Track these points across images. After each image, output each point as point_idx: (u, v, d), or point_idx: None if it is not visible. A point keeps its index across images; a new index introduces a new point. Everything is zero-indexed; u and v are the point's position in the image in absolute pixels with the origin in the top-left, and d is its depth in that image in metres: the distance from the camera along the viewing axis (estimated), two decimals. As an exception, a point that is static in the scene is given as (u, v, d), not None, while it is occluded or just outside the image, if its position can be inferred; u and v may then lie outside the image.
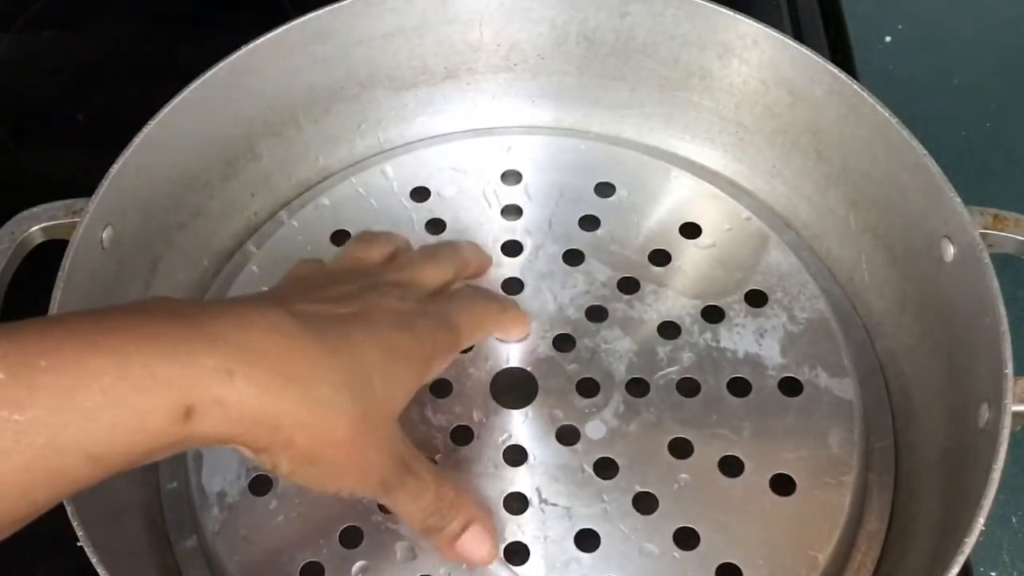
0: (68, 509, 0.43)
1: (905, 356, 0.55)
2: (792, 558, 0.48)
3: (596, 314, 0.56)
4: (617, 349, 0.54)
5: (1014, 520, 0.56)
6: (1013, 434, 0.44)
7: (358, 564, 0.48)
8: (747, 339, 0.54)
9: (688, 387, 0.53)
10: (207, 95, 0.56)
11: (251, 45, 0.57)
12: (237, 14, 0.76)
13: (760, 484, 0.50)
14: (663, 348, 0.54)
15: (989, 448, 0.44)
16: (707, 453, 0.51)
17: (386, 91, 0.63)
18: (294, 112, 0.61)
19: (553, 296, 0.56)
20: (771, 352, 0.54)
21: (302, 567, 0.48)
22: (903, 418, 0.54)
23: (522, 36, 0.62)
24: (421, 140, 0.64)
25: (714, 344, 0.54)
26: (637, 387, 0.53)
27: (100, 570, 0.42)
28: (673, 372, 0.53)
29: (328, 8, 0.59)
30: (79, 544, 0.43)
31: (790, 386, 0.53)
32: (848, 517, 0.49)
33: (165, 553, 0.51)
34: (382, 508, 0.50)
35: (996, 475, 0.43)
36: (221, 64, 0.57)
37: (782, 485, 0.50)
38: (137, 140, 0.53)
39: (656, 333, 0.55)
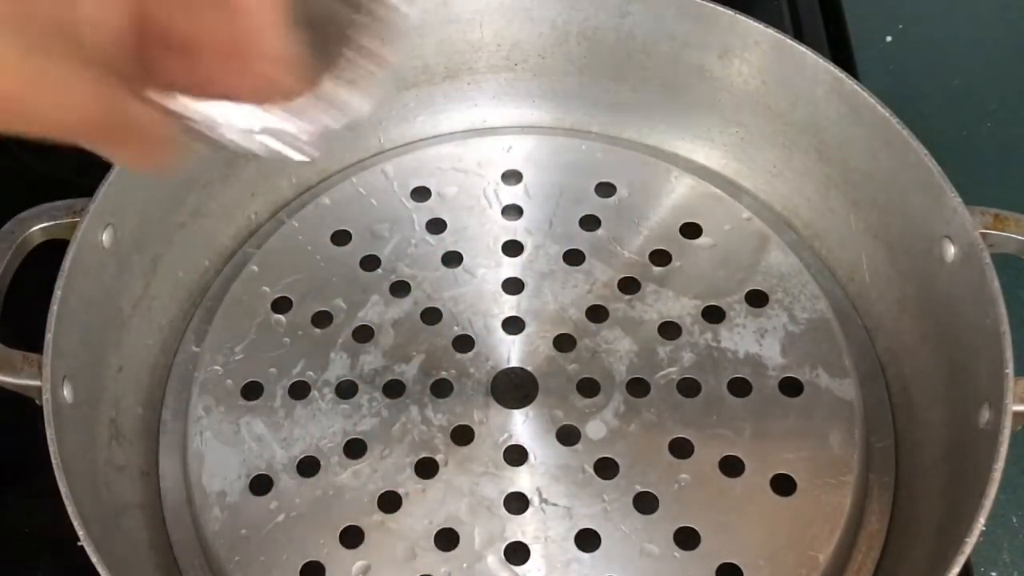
0: (68, 509, 0.43)
1: (905, 356, 0.55)
2: (792, 558, 0.48)
3: (596, 314, 0.55)
4: (617, 349, 0.54)
5: (1014, 520, 0.56)
6: (1013, 434, 0.44)
7: (358, 564, 0.48)
8: (748, 339, 0.54)
9: (689, 387, 0.53)
10: (207, 95, 0.56)
11: (251, 45, 0.57)
12: (237, 14, 0.76)
13: (761, 484, 0.50)
14: (663, 348, 0.54)
15: (989, 448, 0.44)
16: (707, 453, 0.51)
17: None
18: (294, 112, 0.61)
19: (553, 296, 0.56)
20: (772, 352, 0.54)
21: (302, 567, 0.48)
22: (904, 418, 0.54)
23: (522, 36, 0.62)
24: (421, 140, 0.64)
25: (714, 344, 0.54)
26: (637, 387, 0.53)
27: (100, 570, 0.42)
28: (673, 372, 0.53)
29: (328, 8, 0.59)
30: (79, 544, 0.43)
31: (791, 386, 0.53)
32: (848, 517, 0.49)
33: (165, 552, 0.51)
34: (383, 508, 0.50)
35: (996, 475, 0.43)
36: (221, 64, 0.56)
37: (783, 485, 0.50)
38: (137, 140, 0.53)
39: (656, 333, 0.55)
